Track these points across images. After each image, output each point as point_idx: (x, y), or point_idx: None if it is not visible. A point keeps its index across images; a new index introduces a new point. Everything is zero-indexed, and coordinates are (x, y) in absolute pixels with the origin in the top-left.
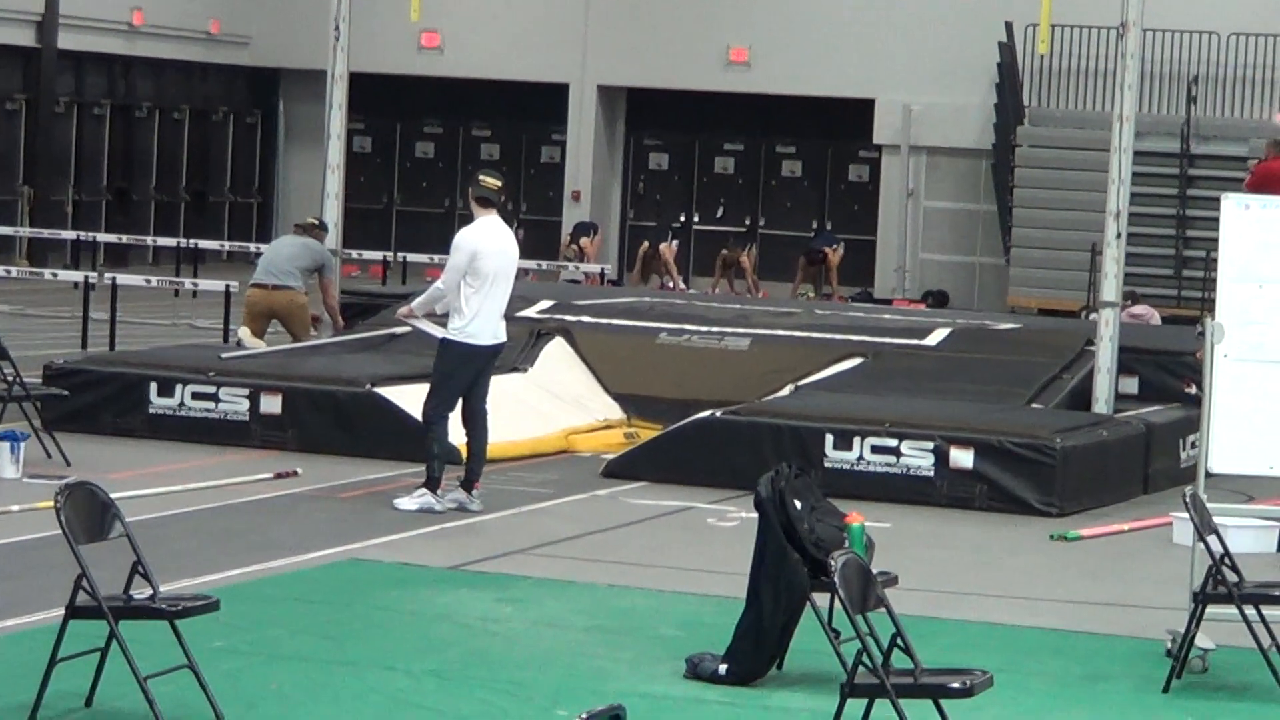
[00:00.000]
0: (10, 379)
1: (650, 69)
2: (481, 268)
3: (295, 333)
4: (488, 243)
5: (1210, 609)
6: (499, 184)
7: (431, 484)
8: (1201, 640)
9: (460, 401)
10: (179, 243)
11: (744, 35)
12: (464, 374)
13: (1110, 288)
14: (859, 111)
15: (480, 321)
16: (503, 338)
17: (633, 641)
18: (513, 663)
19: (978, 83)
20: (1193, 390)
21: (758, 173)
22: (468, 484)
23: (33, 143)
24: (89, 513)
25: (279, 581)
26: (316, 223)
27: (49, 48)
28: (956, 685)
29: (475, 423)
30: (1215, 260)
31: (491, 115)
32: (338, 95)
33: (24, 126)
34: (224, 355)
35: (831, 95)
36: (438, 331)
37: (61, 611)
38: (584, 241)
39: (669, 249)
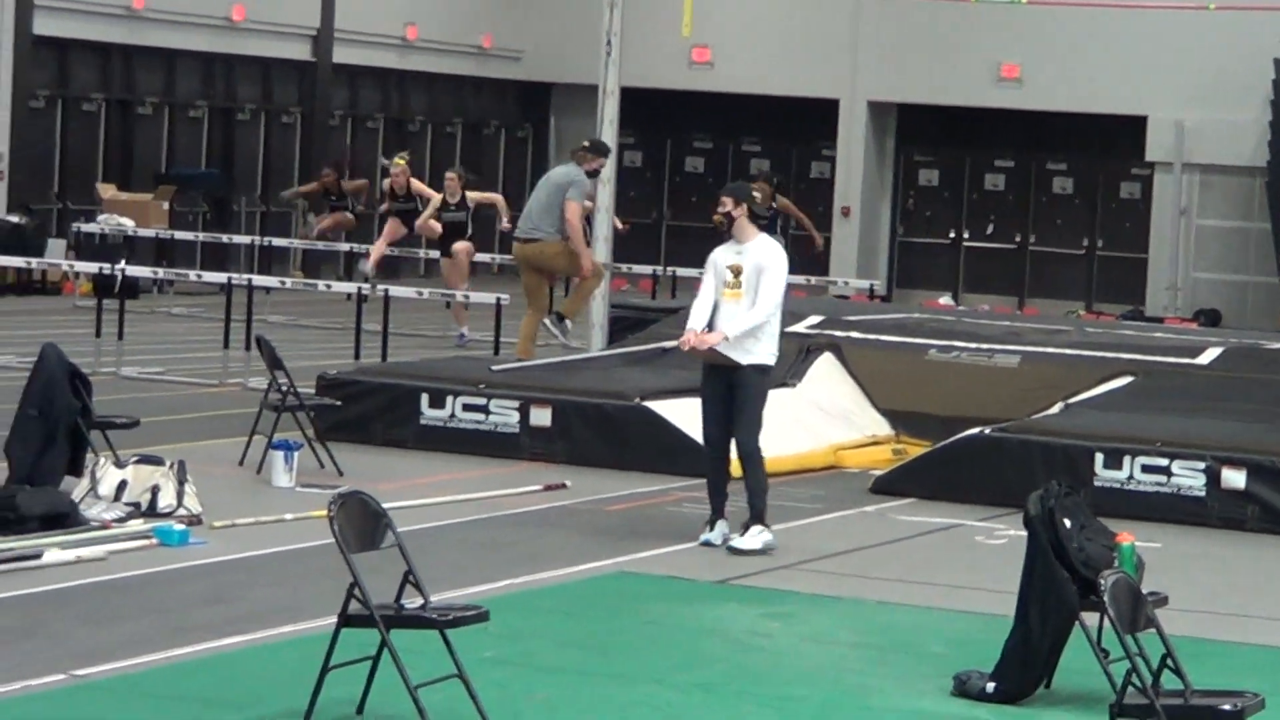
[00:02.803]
0: (285, 389)
1: (921, 85)
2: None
3: (566, 274)
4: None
5: None
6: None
7: (760, 519)
8: None
9: (718, 425)
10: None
11: (1015, 51)
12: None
13: None
14: (1131, 128)
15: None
16: None
17: (900, 658)
18: (780, 678)
19: (1252, 99)
20: None
21: (1028, 190)
22: (722, 513)
23: (308, 155)
24: (362, 522)
25: (547, 593)
26: (586, 144)
27: (324, 62)
28: (1227, 708)
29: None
30: None
31: (761, 130)
32: (609, 110)
33: (299, 139)
34: (495, 368)
35: (1103, 112)
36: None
37: (334, 619)
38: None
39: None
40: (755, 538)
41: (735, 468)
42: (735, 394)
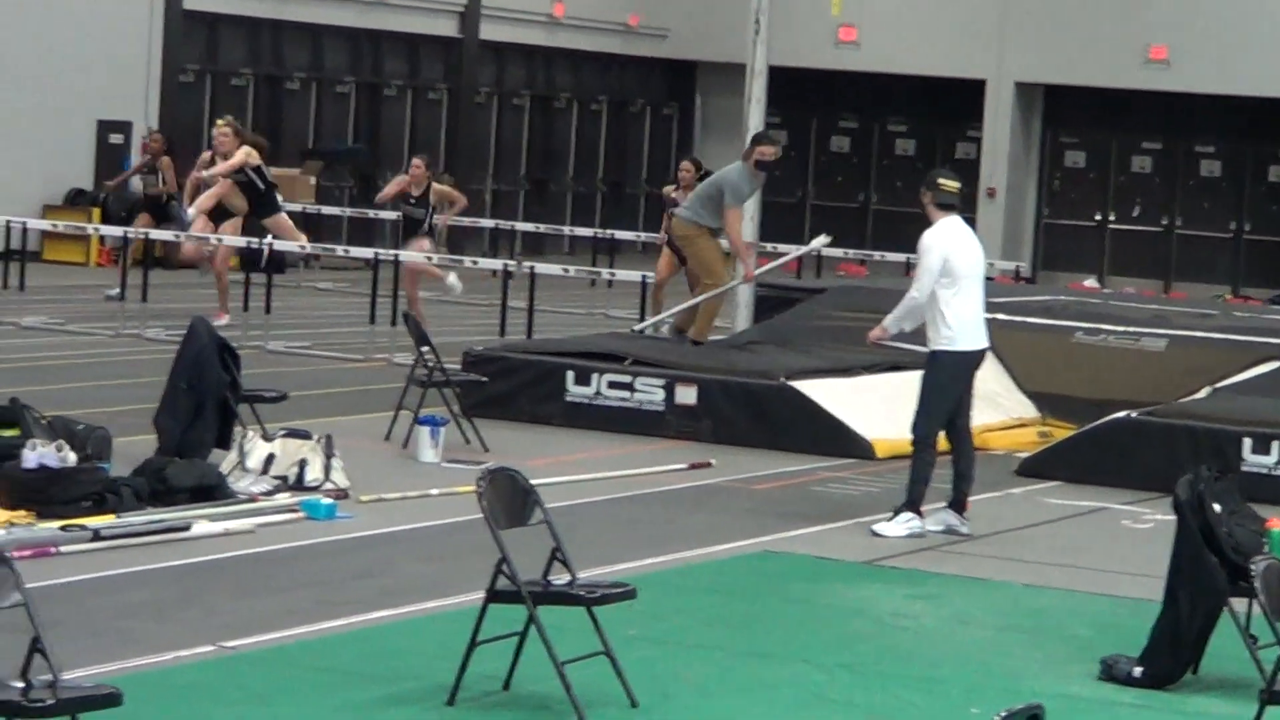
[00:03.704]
0: (431, 365)
1: (1068, 66)
2: (955, 269)
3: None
4: (956, 242)
5: None
6: (958, 185)
7: (913, 506)
8: None
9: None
10: (595, 233)
11: (1164, 32)
12: (956, 387)
13: None
14: None
15: (966, 327)
16: (986, 342)
17: (1046, 641)
18: (925, 659)
19: None
20: None
21: (1175, 172)
22: (958, 505)
23: (453, 132)
24: (510, 498)
25: (693, 571)
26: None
27: (471, 39)
28: None
29: (961, 438)
30: None
31: (907, 110)
32: (756, 89)
33: (445, 116)
34: (636, 328)
35: (1252, 94)
36: (916, 347)
37: (481, 595)
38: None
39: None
40: (901, 525)
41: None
42: None
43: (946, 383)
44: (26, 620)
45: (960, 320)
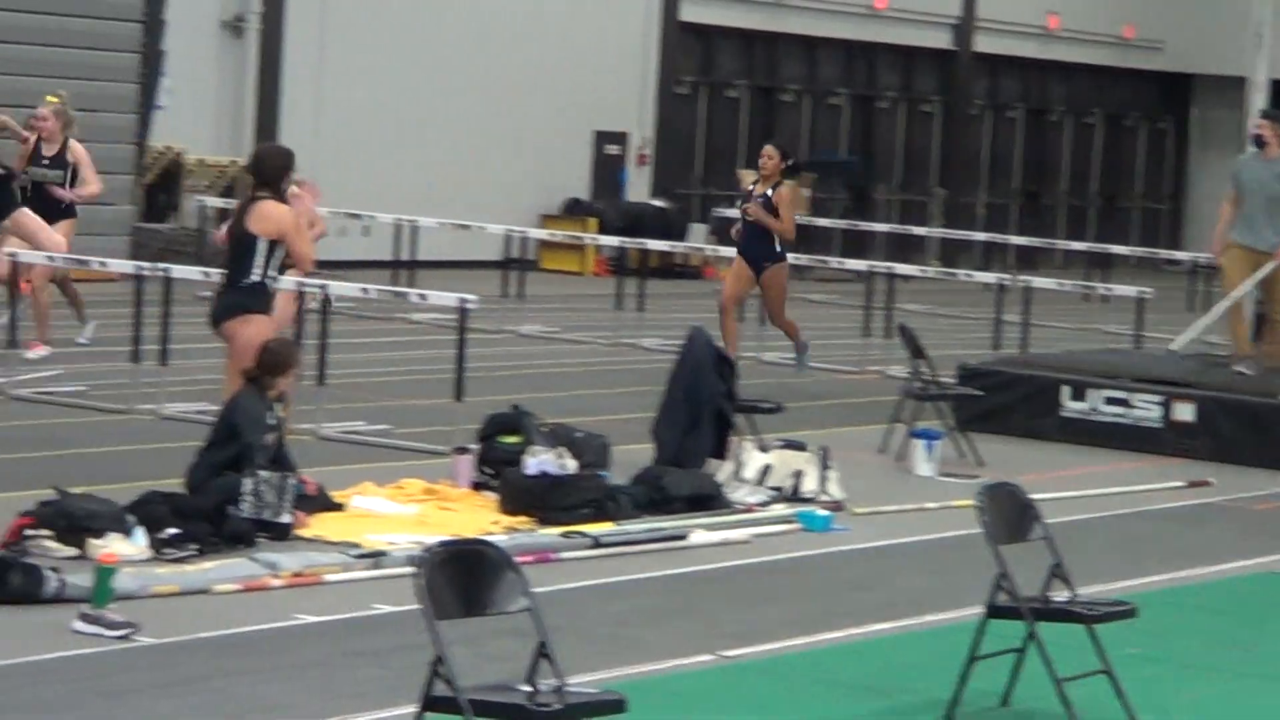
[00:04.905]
0: (927, 378)
1: None
2: None
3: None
4: None
5: None
6: None
7: None
8: None
9: None
10: (1089, 247)
11: None
12: None
13: None
14: None
15: None
16: None
17: None
18: None
19: None
20: None
21: None
22: None
23: (947, 144)
24: (1010, 513)
25: (1193, 591)
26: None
27: (965, 51)
28: None
29: None
30: None
31: None
32: (1258, 102)
33: (938, 129)
34: (1172, 348)
35: None
36: None
37: (978, 609)
38: None
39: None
40: None
41: None
42: None
43: None
44: (532, 625)
45: None
